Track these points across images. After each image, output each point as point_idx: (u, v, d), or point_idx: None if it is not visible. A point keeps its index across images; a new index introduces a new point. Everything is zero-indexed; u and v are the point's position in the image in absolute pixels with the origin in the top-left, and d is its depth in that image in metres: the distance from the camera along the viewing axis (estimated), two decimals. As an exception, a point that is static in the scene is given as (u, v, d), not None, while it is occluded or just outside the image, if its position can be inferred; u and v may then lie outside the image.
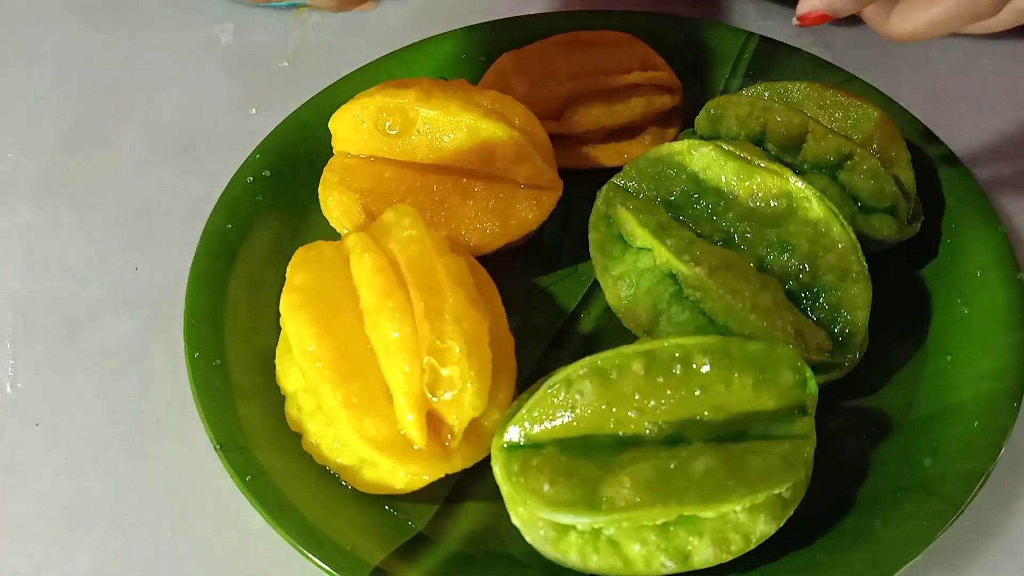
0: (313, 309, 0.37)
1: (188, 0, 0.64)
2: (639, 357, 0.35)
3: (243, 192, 0.47)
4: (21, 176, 0.54)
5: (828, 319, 0.40)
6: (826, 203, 0.40)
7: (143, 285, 0.48)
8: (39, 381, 0.44)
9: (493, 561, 0.37)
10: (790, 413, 0.35)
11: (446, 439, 0.36)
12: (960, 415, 0.39)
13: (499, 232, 0.43)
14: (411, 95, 0.43)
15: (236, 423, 0.39)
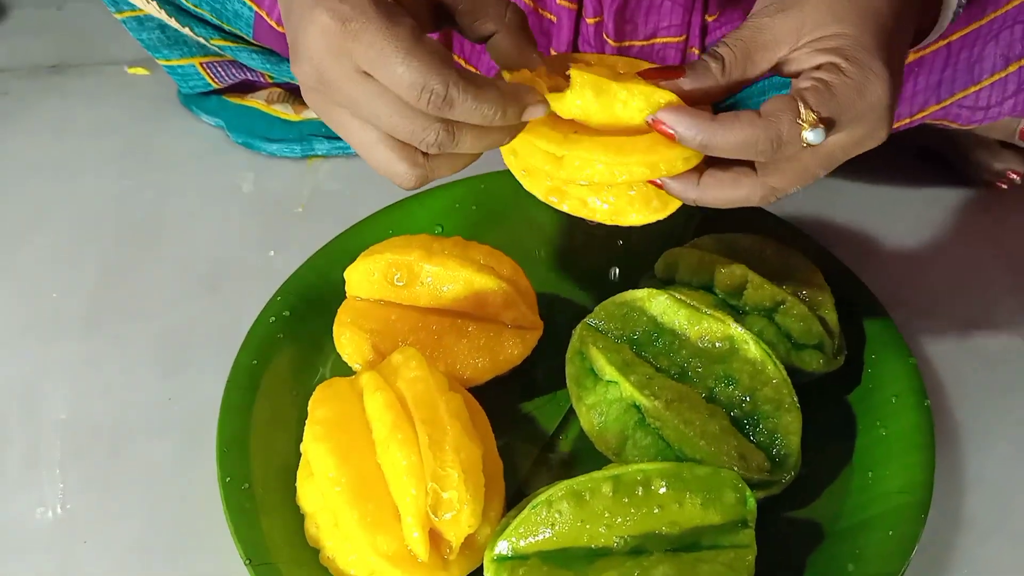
0: (333, 440, 0.44)
1: (212, 151, 0.72)
2: (608, 481, 0.42)
3: (266, 331, 0.54)
4: (65, 313, 0.61)
5: (767, 443, 0.47)
6: (762, 346, 0.48)
7: (177, 412, 0.55)
8: (85, 502, 0.51)
9: (486, 658, 0.43)
10: (734, 526, 0.43)
11: (445, 552, 0.43)
12: (878, 525, 0.46)
13: (489, 367, 0.51)
14: (416, 253, 0.51)
15: (262, 540, 0.45)
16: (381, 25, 0.35)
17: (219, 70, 0.69)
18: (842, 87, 0.37)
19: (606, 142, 0.38)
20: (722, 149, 0.37)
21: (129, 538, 0.49)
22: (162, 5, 0.63)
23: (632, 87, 0.37)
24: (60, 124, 0.76)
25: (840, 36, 0.37)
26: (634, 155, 0.37)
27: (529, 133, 0.38)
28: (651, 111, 0.37)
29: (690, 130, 0.37)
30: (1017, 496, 0.50)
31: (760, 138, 0.36)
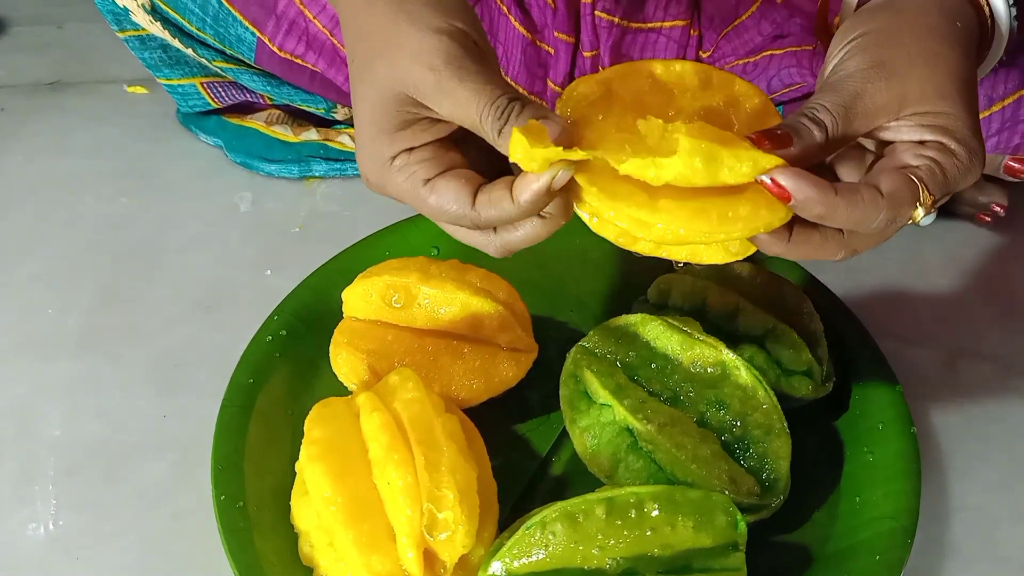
0: (329, 460, 0.45)
1: (210, 171, 0.73)
2: (601, 503, 0.43)
3: (262, 350, 0.55)
4: (61, 331, 0.61)
5: (757, 467, 0.48)
6: (752, 372, 0.49)
7: (172, 431, 0.55)
8: (78, 519, 0.51)
9: None
10: (725, 549, 0.43)
11: (439, 573, 0.43)
12: (865, 550, 0.46)
13: (484, 388, 0.52)
14: (414, 276, 0.52)
15: (256, 559, 0.45)
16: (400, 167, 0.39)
17: (219, 90, 0.70)
18: (953, 171, 0.37)
19: (701, 208, 0.35)
20: (838, 222, 0.36)
21: (122, 556, 0.49)
22: (165, 26, 0.64)
23: (740, 152, 0.35)
24: (58, 142, 0.77)
25: (946, 115, 0.37)
26: (737, 223, 0.35)
27: (613, 199, 0.36)
28: (758, 174, 0.35)
29: (811, 200, 0.35)
30: (1001, 523, 0.51)
31: (880, 218, 0.36)
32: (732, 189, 0.35)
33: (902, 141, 0.38)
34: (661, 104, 0.39)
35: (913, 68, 0.38)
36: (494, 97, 0.36)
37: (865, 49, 0.38)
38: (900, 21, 0.39)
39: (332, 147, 0.71)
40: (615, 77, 0.40)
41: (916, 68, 0.38)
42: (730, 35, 0.65)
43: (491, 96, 0.36)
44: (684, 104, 0.39)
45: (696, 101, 0.39)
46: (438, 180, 0.38)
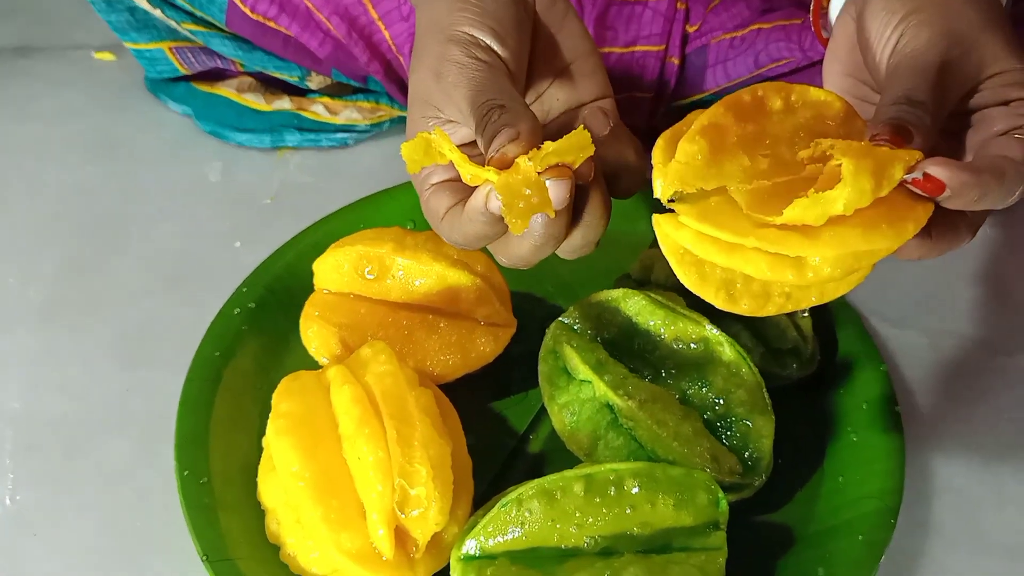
0: (297, 434, 0.43)
1: (180, 139, 0.71)
2: (580, 480, 0.41)
3: (230, 322, 0.53)
4: (22, 301, 0.59)
5: (739, 446, 0.47)
6: (736, 348, 0.48)
7: (135, 406, 0.53)
8: (37, 495, 0.49)
9: (450, 661, 0.41)
10: (705, 528, 0.42)
11: (411, 551, 0.41)
12: (848, 530, 0.45)
13: (460, 364, 0.50)
14: (388, 246, 0.50)
15: (220, 536, 0.44)
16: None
17: (188, 56, 0.68)
18: None
19: (871, 223, 0.32)
20: (989, 202, 0.34)
21: (82, 534, 0.47)
22: (133, -15, 0.62)
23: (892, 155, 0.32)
24: (22, 108, 0.74)
25: (1020, 70, 0.36)
26: (907, 228, 0.32)
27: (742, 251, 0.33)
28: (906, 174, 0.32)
29: (967, 185, 0.32)
30: (984, 504, 0.51)
31: (1019, 190, 0.34)
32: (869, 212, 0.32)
33: (992, 105, 0.36)
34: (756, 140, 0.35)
35: (980, 33, 0.37)
36: (479, 103, 0.36)
37: (926, 24, 0.36)
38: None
39: (306, 117, 0.69)
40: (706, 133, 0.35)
41: (982, 33, 0.37)
42: (717, 8, 0.63)
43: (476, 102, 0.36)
44: (777, 130, 0.36)
45: (787, 122, 0.36)
46: (434, 190, 0.38)
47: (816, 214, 0.31)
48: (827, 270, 0.32)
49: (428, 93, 0.39)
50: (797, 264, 0.32)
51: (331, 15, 0.62)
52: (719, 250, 0.33)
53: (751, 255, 0.32)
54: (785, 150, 0.34)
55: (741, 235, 0.32)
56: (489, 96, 0.36)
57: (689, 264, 0.34)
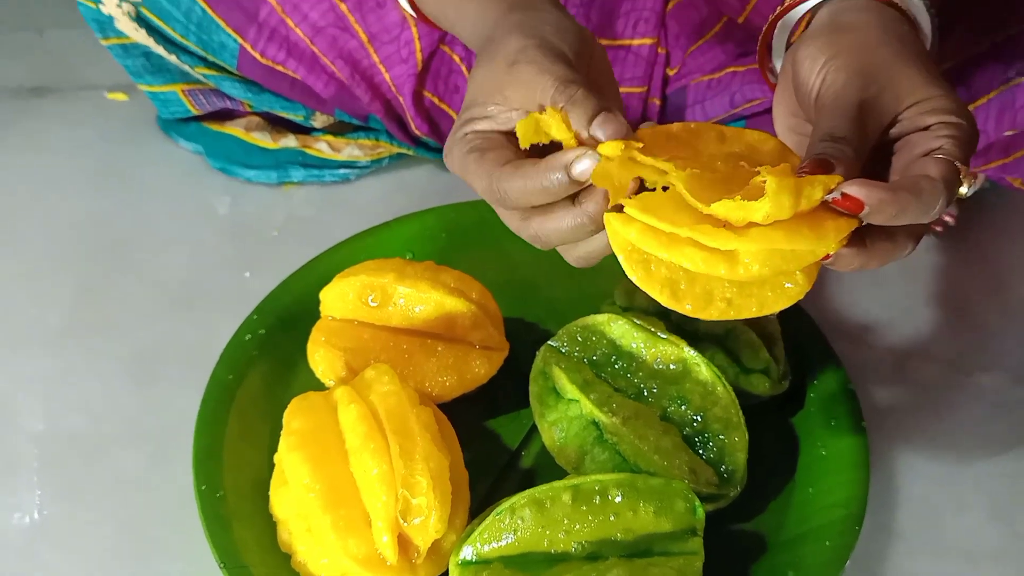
0: (308, 450, 0.47)
1: (190, 175, 0.75)
2: (568, 490, 0.45)
3: (241, 347, 0.57)
4: (41, 325, 0.62)
5: (715, 459, 0.50)
6: (712, 368, 0.52)
7: (149, 422, 0.56)
8: (61, 509, 0.52)
9: (449, 659, 0.45)
10: (684, 534, 0.46)
11: (413, 557, 0.45)
12: (817, 536, 0.49)
13: (456, 384, 0.54)
14: (390, 275, 0.54)
15: (235, 545, 0.47)
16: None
17: (200, 97, 0.72)
18: (965, 141, 0.39)
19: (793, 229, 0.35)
20: (907, 217, 0.36)
21: (105, 543, 0.50)
22: (150, 34, 0.66)
23: (812, 179, 0.35)
24: (38, 145, 0.78)
25: (937, 98, 0.39)
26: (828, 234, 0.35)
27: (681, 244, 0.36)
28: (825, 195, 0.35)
29: (884, 202, 0.35)
30: (945, 513, 0.54)
31: (941, 202, 0.37)
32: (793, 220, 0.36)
33: (912, 131, 0.40)
34: (690, 156, 0.40)
35: (894, 69, 0.40)
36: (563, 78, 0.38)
37: (844, 67, 0.41)
38: (861, 37, 0.42)
39: (310, 154, 0.73)
40: (644, 137, 0.40)
41: (897, 68, 0.41)
42: (695, 53, 0.68)
43: (560, 77, 0.38)
44: (711, 152, 0.40)
45: (720, 149, 0.40)
46: (483, 152, 0.40)
47: (738, 216, 0.35)
48: (756, 267, 0.35)
49: (498, 82, 0.40)
50: (729, 259, 0.35)
51: (335, 59, 0.66)
52: (659, 244, 0.36)
53: (688, 249, 0.36)
54: (719, 164, 0.38)
55: (677, 226, 0.35)
56: (571, 74, 0.38)
57: (636, 261, 0.37)
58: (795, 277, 0.37)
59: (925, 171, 0.38)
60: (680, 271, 0.37)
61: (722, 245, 0.35)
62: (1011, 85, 0.60)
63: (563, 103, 0.38)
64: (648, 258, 0.37)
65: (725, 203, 0.35)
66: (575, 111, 0.38)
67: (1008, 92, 0.60)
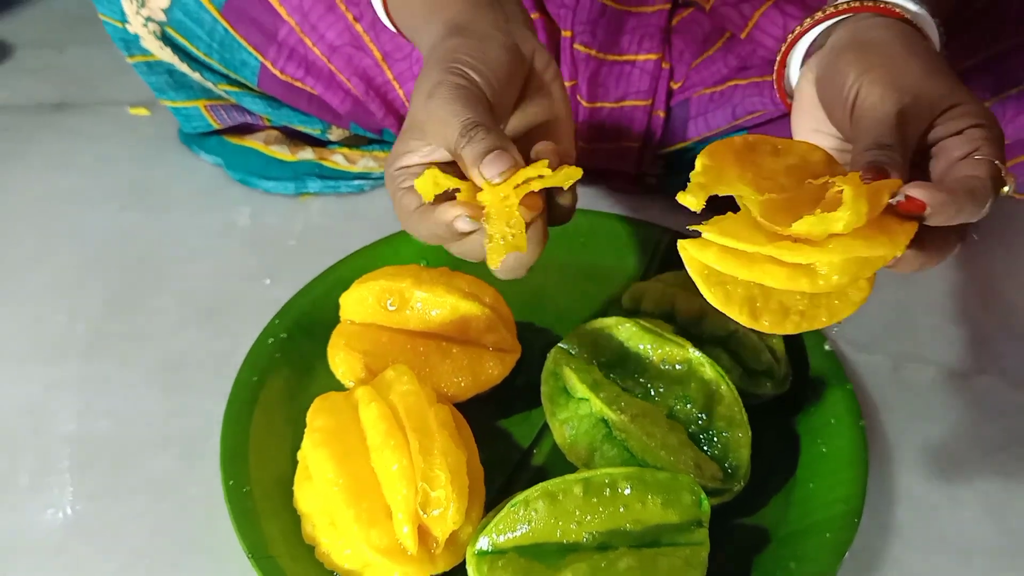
0: (331, 446, 0.49)
1: (210, 187, 0.77)
2: (579, 483, 0.47)
3: (265, 351, 0.59)
4: (72, 336, 0.65)
5: (720, 455, 0.53)
6: (716, 368, 0.54)
7: (176, 426, 0.59)
8: (94, 506, 0.54)
9: (466, 646, 0.47)
10: (690, 525, 0.48)
11: (432, 547, 0.47)
12: (818, 529, 0.51)
13: (471, 385, 0.56)
14: (408, 280, 0.57)
15: (262, 537, 0.49)
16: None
17: (221, 112, 0.75)
18: (996, 141, 0.41)
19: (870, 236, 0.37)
20: (963, 216, 0.38)
21: (135, 539, 0.53)
22: (175, 52, 0.69)
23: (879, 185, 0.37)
24: (63, 160, 0.81)
25: (966, 104, 0.42)
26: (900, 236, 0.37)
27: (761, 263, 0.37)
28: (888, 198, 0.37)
29: (944, 203, 0.38)
30: (941, 509, 0.56)
31: (989, 201, 0.39)
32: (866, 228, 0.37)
33: (946, 137, 0.42)
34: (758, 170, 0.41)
35: (924, 80, 0.43)
36: (465, 121, 0.41)
37: (878, 81, 0.43)
38: (888, 52, 0.44)
39: (327, 166, 0.76)
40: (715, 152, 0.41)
41: (927, 79, 0.43)
42: (699, 67, 0.70)
43: (463, 120, 0.42)
44: (772, 167, 0.42)
45: (779, 163, 0.42)
46: (406, 191, 0.44)
47: (820, 230, 0.36)
48: (836, 277, 0.37)
49: (416, 115, 0.43)
50: (810, 273, 0.37)
51: (351, 76, 0.69)
52: (740, 264, 0.37)
53: (768, 267, 0.37)
54: (782, 179, 0.40)
55: (758, 245, 0.37)
56: (474, 116, 0.42)
57: (715, 284, 0.38)
58: (861, 283, 0.39)
59: (974, 172, 0.40)
60: (756, 289, 0.38)
61: (804, 259, 0.37)
62: (1003, 97, 0.62)
63: (464, 144, 0.41)
64: (725, 280, 0.38)
65: (807, 220, 0.36)
66: (470, 152, 0.41)
67: (999, 104, 0.62)
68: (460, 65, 0.43)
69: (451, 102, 0.42)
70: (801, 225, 0.37)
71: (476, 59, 0.44)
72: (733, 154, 0.42)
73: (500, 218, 0.40)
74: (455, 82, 0.43)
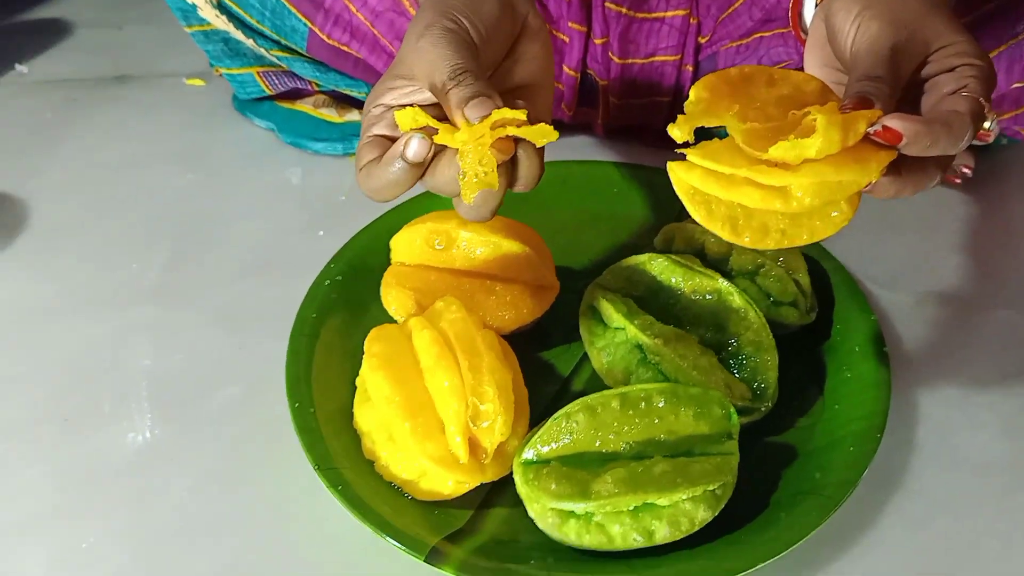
0: (388, 369, 0.53)
1: (264, 150, 0.82)
2: (616, 397, 0.51)
3: (321, 291, 0.64)
4: (143, 283, 0.70)
5: (749, 378, 0.56)
6: (744, 296, 0.57)
7: (242, 362, 0.63)
8: (169, 430, 0.59)
9: (512, 547, 0.51)
10: (720, 437, 0.51)
11: (482, 457, 0.51)
12: (842, 444, 0.54)
13: (513, 319, 0.60)
14: (453, 222, 0.61)
15: (327, 451, 0.54)
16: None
17: (273, 78, 0.79)
18: (985, 80, 0.43)
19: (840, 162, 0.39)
20: (939, 148, 0.41)
21: (209, 460, 0.57)
22: (230, 20, 0.73)
23: (856, 115, 0.40)
24: (125, 129, 0.86)
25: (961, 43, 0.44)
26: (871, 163, 0.40)
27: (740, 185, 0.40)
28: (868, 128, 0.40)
29: (920, 133, 0.40)
30: (960, 430, 0.59)
31: (969, 134, 0.41)
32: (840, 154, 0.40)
33: (939, 73, 0.45)
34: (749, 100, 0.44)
35: (923, 18, 0.45)
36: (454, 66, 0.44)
37: (877, 17, 0.45)
38: None
39: (372, 127, 0.80)
40: (709, 85, 0.45)
41: (925, 17, 0.45)
42: (725, 21, 0.74)
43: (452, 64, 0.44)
44: (763, 97, 0.44)
45: (771, 93, 0.45)
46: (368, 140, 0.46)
47: (794, 155, 0.40)
48: (808, 199, 0.40)
49: (405, 54, 0.45)
50: (783, 194, 0.40)
51: (393, 40, 0.73)
52: (720, 185, 0.41)
53: (746, 188, 0.41)
54: (771, 109, 0.44)
55: (736, 168, 0.41)
56: (463, 62, 0.44)
57: (699, 203, 0.42)
58: (840, 206, 0.42)
59: (955, 107, 0.42)
60: (738, 209, 0.42)
61: (777, 182, 0.40)
62: (1019, 39, 0.65)
63: (451, 86, 0.44)
64: (709, 199, 0.42)
65: (781, 145, 0.39)
66: (456, 95, 0.43)
67: (1017, 46, 0.65)
68: (453, 11, 0.46)
69: (442, 45, 0.44)
70: (776, 150, 0.40)
71: (469, 9, 0.46)
72: (727, 85, 0.45)
73: (474, 156, 0.42)
74: (446, 25, 0.45)
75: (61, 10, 1.05)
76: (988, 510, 0.55)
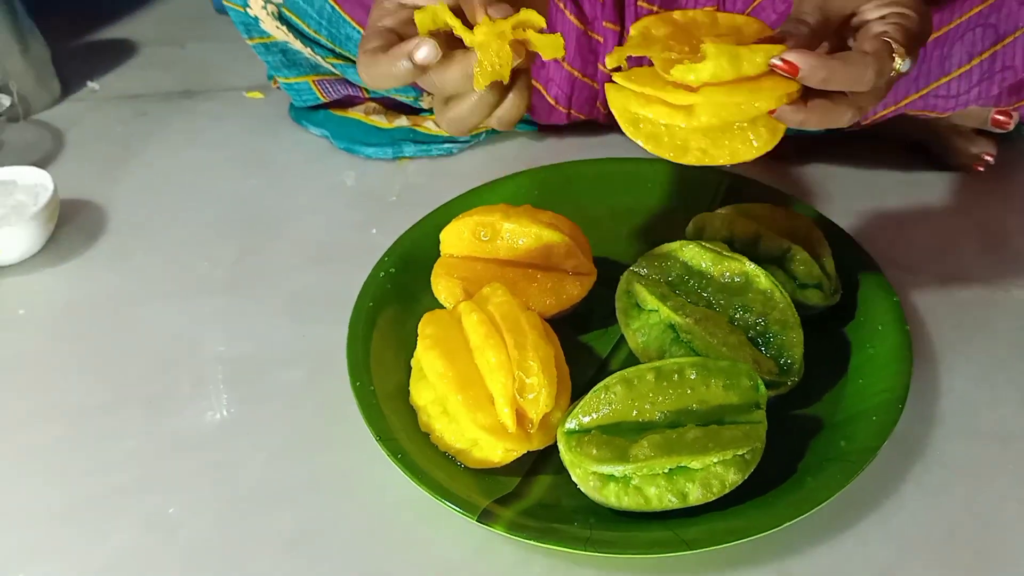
0: (440, 348, 0.58)
1: (319, 156, 0.88)
2: (651, 370, 0.55)
3: (377, 282, 0.69)
4: (213, 278, 0.76)
5: (776, 355, 0.60)
6: (770, 278, 0.61)
7: (303, 348, 0.69)
8: (245, 409, 0.65)
9: (556, 509, 0.56)
10: (749, 407, 0.55)
11: (528, 427, 0.56)
12: (865, 414, 0.58)
13: (554, 304, 0.65)
14: (498, 215, 0.66)
15: (386, 423, 0.59)
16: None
17: (327, 86, 0.85)
18: (912, 27, 0.47)
19: (735, 87, 0.46)
20: (837, 82, 0.45)
21: (278, 435, 0.63)
22: (289, 30, 0.79)
23: (753, 47, 0.46)
24: (191, 138, 0.93)
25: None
26: (763, 92, 0.46)
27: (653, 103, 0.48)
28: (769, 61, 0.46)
29: (814, 67, 0.44)
30: (980, 405, 0.62)
31: (870, 72, 0.45)
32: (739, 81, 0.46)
33: (870, 20, 0.49)
34: (687, 38, 0.50)
35: None
36: None
37: None
38: None
39: (420, 131, 0.86)
40: (651, 24, 0.52)
41: None
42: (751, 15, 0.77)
43: None
44: (703, 35, 0.50)
45: (711, 32, 0.51)
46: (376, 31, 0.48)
47: (690, 77, 0.46)
48: (705, 118, 0.47)
49: None
50: (687, 112, 0.47)
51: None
52: (639, 103, 0.48)
53: (657, 106, 0.48)
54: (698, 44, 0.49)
55: (649, 88, 0.48)
56: None
57: (628, 120, 0.49)
58: (759, 132, 0.48)
59: (864, 47, 0.47)
60: (661, 127, 0.49)
61: (681, 101, 0.47)
62: None
63: None
64: (637, 117, 0.49)
65: (679, 68, 0.47)
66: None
67: None
68: None
69: None
70: (675, 71, 0.47)
71: None
72: (669, 25, 0.51)
73: (492, 48, 0.46)
74: None
75: (127, 30, 1.13)
76: (1007, 480, 0.58)
